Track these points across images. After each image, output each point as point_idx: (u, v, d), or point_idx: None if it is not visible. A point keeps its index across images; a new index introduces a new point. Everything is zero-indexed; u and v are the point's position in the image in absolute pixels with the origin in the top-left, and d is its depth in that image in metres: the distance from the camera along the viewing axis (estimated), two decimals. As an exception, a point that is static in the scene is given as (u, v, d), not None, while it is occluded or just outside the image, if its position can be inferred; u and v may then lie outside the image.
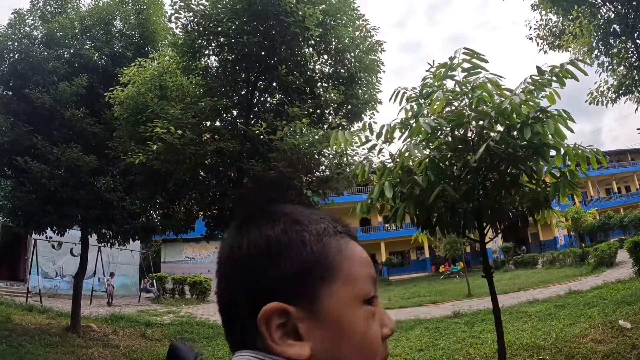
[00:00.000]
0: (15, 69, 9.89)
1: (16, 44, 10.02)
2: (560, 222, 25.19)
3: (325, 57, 7.79)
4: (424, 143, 4.67)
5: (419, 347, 8.42)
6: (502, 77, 4.21)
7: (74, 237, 12.77)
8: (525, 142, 3.94)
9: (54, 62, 10.20)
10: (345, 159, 6.90)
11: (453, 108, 4.57)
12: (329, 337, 0.57)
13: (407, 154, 4.36)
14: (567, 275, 17.70)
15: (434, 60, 4.68)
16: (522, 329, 8.62)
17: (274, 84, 7.45)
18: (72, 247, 19.73)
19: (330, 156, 6.96)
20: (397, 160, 4.47)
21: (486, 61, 4.21)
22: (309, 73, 7.53)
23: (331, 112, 7.65)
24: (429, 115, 4.40)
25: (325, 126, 7.39)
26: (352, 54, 7.67)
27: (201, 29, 7.22)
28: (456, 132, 4.42)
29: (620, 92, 9.83)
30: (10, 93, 10.40)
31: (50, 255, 20.44)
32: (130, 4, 11.37)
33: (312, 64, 7.67)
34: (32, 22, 10.85)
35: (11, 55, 10.01)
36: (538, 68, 4.09)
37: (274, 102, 7.58)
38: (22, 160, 9.12)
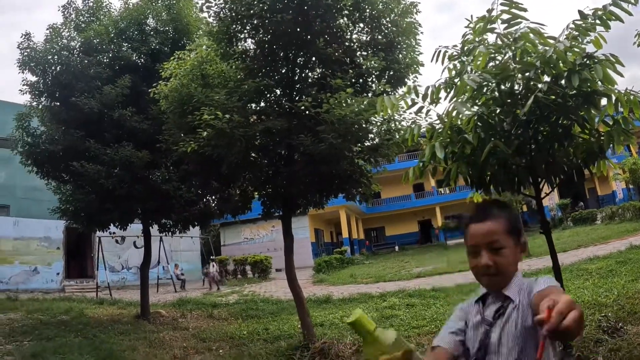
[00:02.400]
0: (58, 80, 10.23)
1: (56, 56, 10.32)
2: (617, 174, 24.00)
3: (361, 25, 7.66)
4: (470, 100, 4.58)
5: (480, 308, 8.40)
6: (543, 25, 4.04)
7: (135, 231, 13.37)
8: (574, 91, 3.78)
9: (95, 68, 10.47)
10: (393, 125, 6.84)
11: (496, 62, 4.45)
12: None
13: (454, 113, 4.31)
14: (627, 230, 16.98)
15: (472, 16, 4.47)
16: (583, 287, 8.41)
17: (313, 58, 7.42)
18: (134, 240, 20.87)
19: (378, 123, 6.92)
20: (445, 120, 4.43)
21: (525, 10, 4.04)
22: (346, 43, 7.44)
23: (374, 79, 7.57)
24: (473, 71, 4.30)
25: (370, 94, 7.34)
26: (388, 19, 7.50)
27: (234, 14, 7.26)
28: (502, 87, 4.31)
29: (671, 30, 9.15)
30: (58, 103, 10.77)
31: (115, 249, 21.70)
32: (159, 1, 11.53)
33: (349, 33, 7.57)
34: (68, 33, 11.14)
35: (53, 68, 10.33)
36: (580, 12, 3.87)
37: (315, 76, 7.57)
38: (79, 165, 9.54)
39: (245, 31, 7.55)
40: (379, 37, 7.41)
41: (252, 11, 7.03)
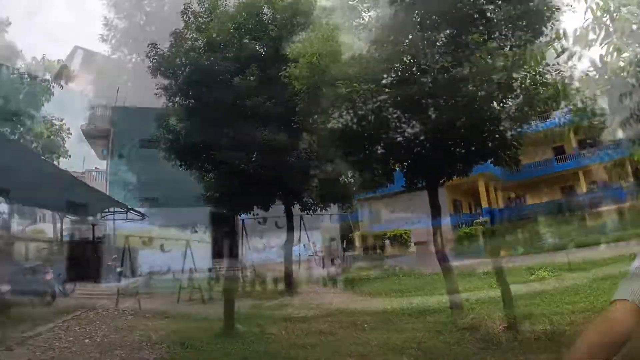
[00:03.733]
0: (190, 79, 11.00)
1: (183, 58, 11.08)
2: None
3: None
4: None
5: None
6: None
7: (277, 211, 14.18)
8: None
9: (221, 63, 11.05)
10: (539, 78, 6.21)
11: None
12: None
13: (615, 54, 3.88)
14: None
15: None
16: None
17: (439, 20, 7.03)
18: (276, 220, 22.32)
19: (520, 78, 6.32)
20: (600, 65, 4.04)
21: None
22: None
23: (506, 32, 6.92)
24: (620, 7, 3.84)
25: (506, 49, 6.76)
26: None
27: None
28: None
29: None
30: (192, 100, 11.61)
31: (257, 230, 23.51)
32: (273, -10, 11.77)
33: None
34: (191, 35, 11.89)
35: (182, 69, 11.12)
36: None
37: (443, 38, 7.18)
38: (220, 153, 10.30)
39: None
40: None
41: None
